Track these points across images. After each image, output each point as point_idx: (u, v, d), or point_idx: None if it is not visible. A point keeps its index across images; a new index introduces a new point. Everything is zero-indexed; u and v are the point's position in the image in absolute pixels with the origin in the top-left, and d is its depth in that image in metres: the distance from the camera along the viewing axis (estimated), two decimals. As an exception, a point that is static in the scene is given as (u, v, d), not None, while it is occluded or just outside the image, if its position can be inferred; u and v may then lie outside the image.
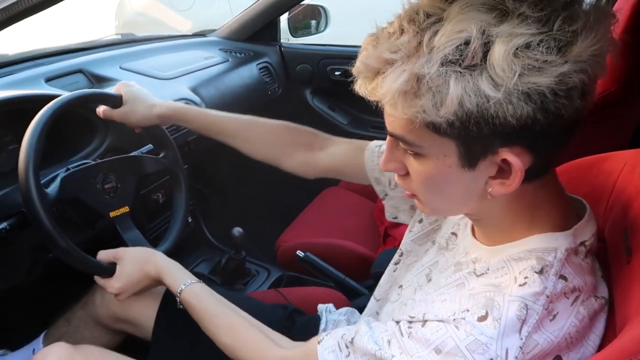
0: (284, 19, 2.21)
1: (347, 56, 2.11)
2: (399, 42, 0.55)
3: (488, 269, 0.65)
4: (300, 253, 1.53)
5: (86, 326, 1.21)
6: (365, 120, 2.18)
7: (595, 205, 0.74)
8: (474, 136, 0.56)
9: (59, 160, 1.21)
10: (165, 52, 1.88)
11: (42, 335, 1.25)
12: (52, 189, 1.00)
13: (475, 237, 0.73)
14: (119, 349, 1.02)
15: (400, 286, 0.86)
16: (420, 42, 0.54)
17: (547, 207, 0.65)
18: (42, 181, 0.97)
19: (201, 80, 1.76)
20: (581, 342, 0.61)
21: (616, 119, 1.21)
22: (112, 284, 1.00)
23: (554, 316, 0.59)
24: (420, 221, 0.90)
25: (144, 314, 1.12)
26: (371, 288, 1.46)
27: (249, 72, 2.02)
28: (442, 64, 0.52)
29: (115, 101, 1.12)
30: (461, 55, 0.52)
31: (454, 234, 0.79)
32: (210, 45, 2.06)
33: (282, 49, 2.20)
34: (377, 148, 0.98)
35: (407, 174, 0.65)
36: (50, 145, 0.99)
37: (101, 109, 1.13)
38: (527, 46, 0.51)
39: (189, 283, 0.94)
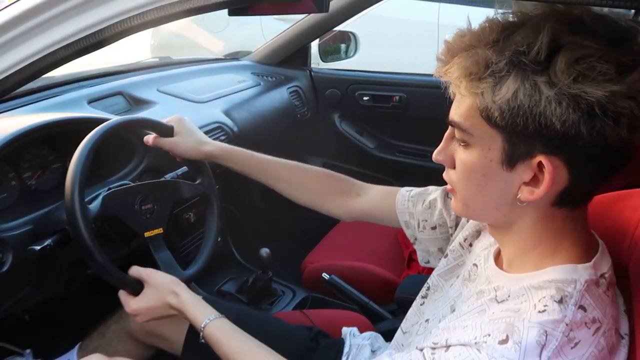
0: (314, 44, 2.26)
1: (376, 82, 2.16)
2: (482, 34, 0.63)
3: (509, 296, 0.66)
4: (325, 275, 1.56)
5: (119, 339, 1.25)
6: (392, 144, 2.20)
7: (619, 241, 0.75)
8: (519, 132, 0.60)
9: (98, 180, 1.26)
10: (200, 75, 1.95)
11: (76, 347, 1.29)
12: (94, 206, 1.05)
13: (498, 266, 0.75)
14: (149, 362, 1.05)
15: (427, 320, 0.88)
16: (498, 36, 0.61)
17: (572, 239, 0.67)
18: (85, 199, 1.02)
19: (234, 103, 1.81)
20: None
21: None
22: (130, 304, 1.04)
23: (575, 344, 0.60)
24: (446, 256, 0.92)
25: (176, 330, 1.15)
26: (394, 312, 1.47)
27: (280, 95, 2.07)
28: (510, 55, 0.59)
29: (164, 130, 1.15)
30: (529, 52, 0.58)
31: (475, 265, 0.81)
32: (243, 69, 2.13)
33: (312, 73, 2.24)
34: (407, 193, 1.03)
35: (454, 167, 0.71)
36: (91, 165, 1.03)
37: (151, 137, 1.16)
38: (589, 56, 0.56)
39: (213, 318, 0.94)
